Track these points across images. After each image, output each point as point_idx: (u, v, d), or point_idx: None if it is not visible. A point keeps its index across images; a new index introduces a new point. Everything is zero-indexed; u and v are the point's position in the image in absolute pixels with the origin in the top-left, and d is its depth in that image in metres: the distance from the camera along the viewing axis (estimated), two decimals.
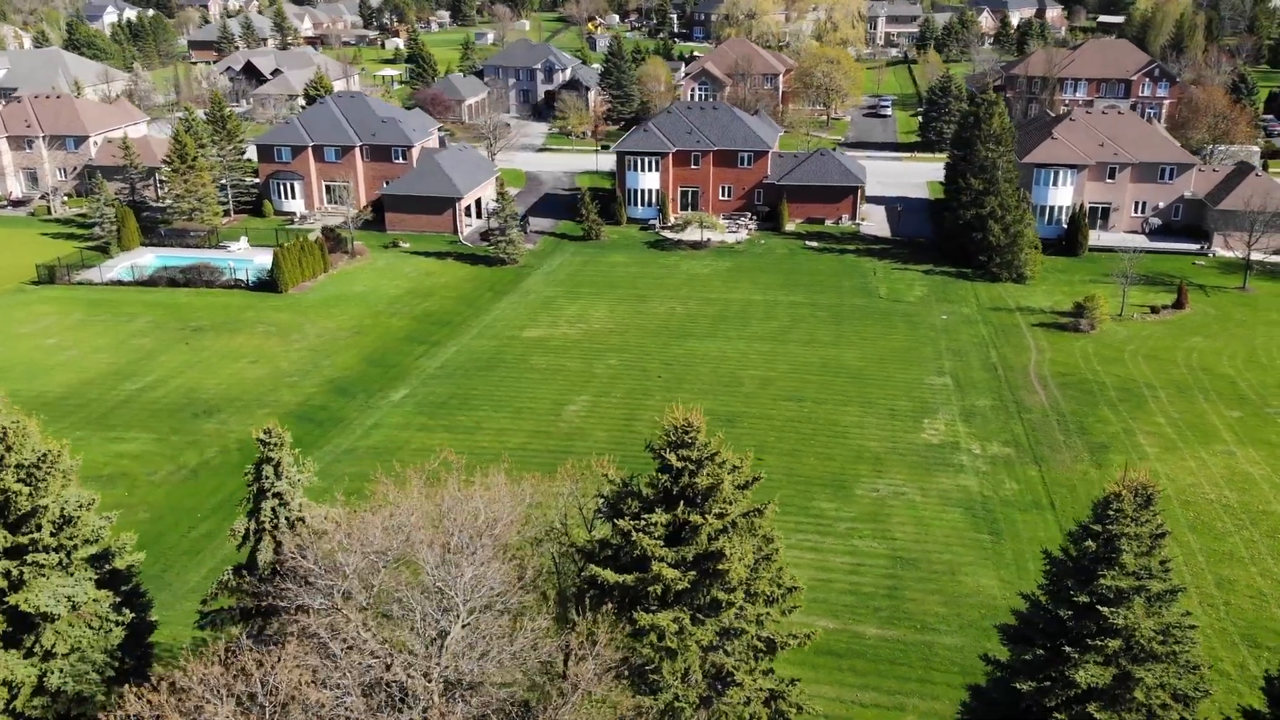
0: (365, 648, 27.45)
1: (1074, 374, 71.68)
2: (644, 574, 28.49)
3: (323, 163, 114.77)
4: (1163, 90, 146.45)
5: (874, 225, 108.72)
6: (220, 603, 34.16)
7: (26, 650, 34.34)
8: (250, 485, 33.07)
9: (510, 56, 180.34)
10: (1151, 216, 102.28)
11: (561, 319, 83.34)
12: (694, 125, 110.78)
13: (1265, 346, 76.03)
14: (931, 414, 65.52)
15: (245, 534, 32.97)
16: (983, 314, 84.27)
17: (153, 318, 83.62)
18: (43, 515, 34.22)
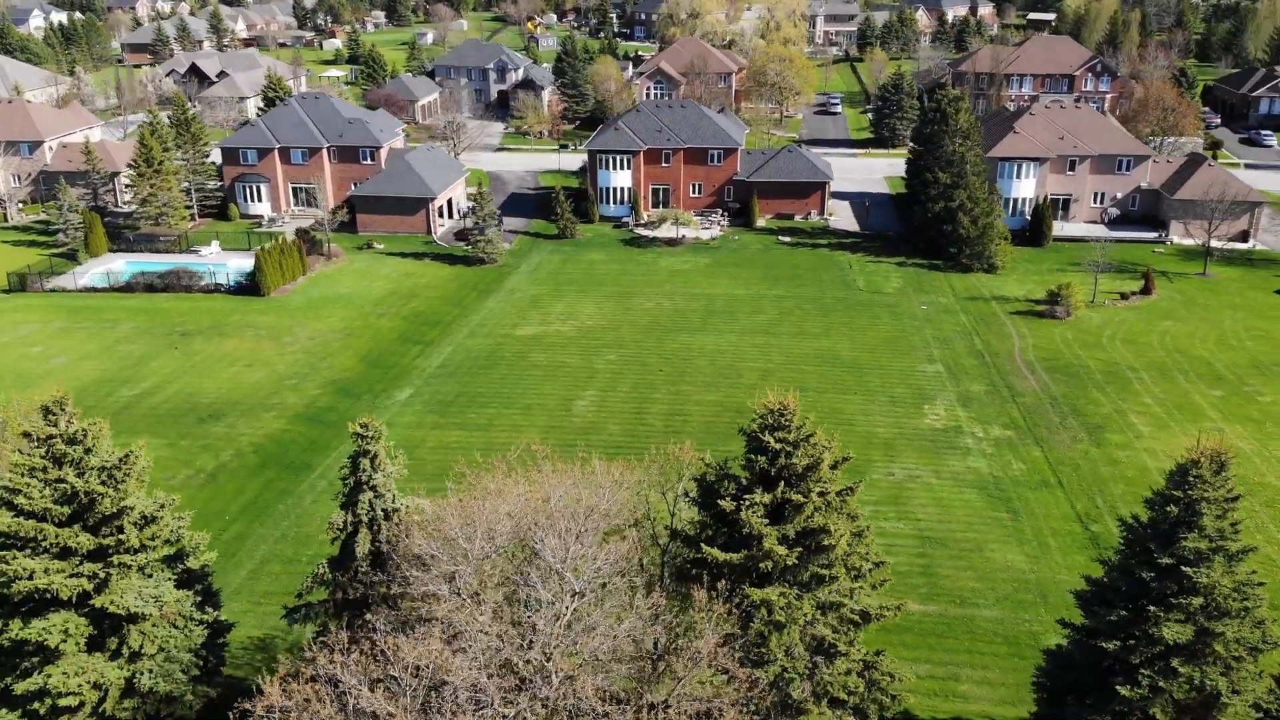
0: (491, 630, 28.20)
1: (1058, 359, 74.38)
2: (752, 551, 29.64)
3: (289, 165, 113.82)
4: (1105, 85, 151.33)
5: (841, 220, 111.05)
6: (315, 596, 34.51)
7: (113, 652, 34.46)
8: (347, 479, 33.54)
9: (461, 56, 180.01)
10: (1110, 207, 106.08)
11: (552, 316, 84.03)
12: (663, 124, 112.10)
13: (1233, 329, 79.57)
14: (930, 400, 67.61)
15: (344, 526, 33.38)
16: (960, 303, 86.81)
17: (137, 323, 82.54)
18: (127, 516, 34.38)
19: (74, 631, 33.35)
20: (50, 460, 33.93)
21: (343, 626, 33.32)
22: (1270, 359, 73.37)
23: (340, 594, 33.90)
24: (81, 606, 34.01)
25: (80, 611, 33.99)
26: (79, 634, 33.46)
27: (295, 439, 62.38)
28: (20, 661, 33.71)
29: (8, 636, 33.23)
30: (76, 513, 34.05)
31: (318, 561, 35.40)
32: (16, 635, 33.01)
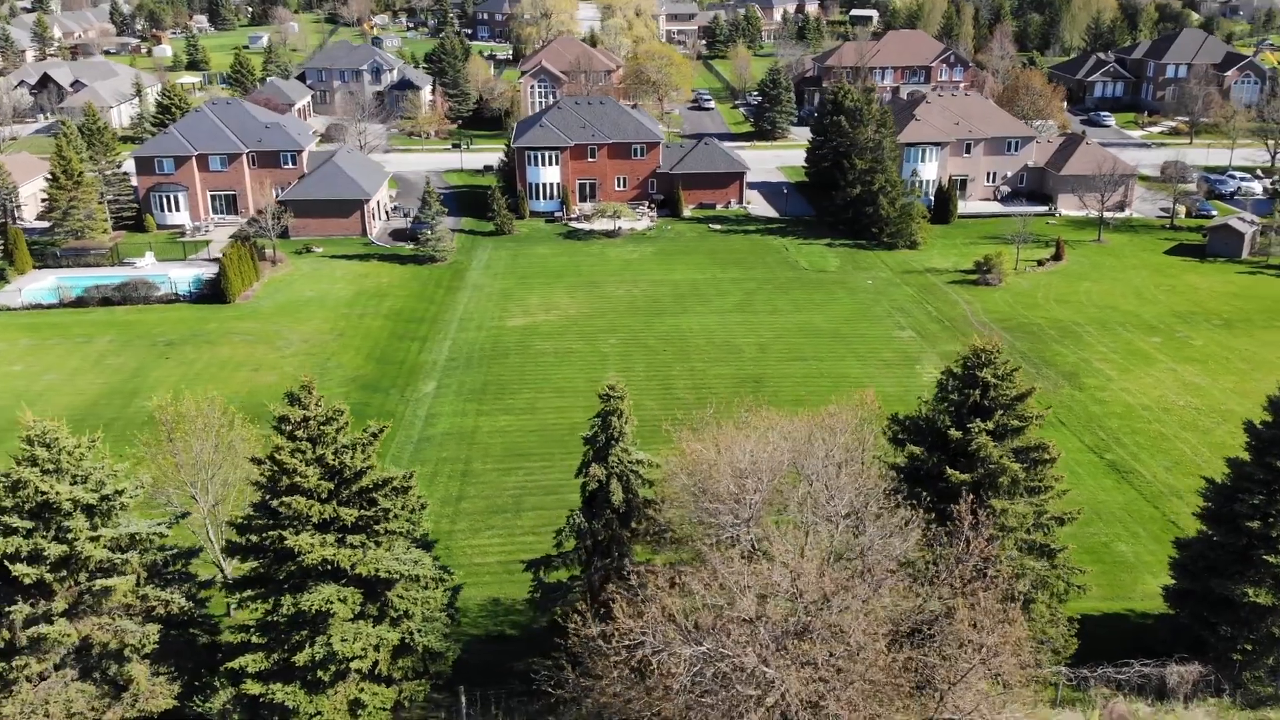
0: (770, 561, 32.37)
1: (1009, 319, 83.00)
2: (986, 469, 34.96)
3: (208, 172, 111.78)
4: (958, 75, 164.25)
5: (759, 207, 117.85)
6: (568, 544, 37.62)
7: (376, 617, 36.76)
8: (599, 435, 36.88)
9: (333, 58, 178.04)
10: (1001, 185, 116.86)
11: (532, 308, 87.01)
12: (587, 120, 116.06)
13: (1144, 285, 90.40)
14: (917, 361, 74.74)
15: (600, 479, 36.70)
16: (899, 277, 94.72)
17: (112, 336, 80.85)
18: (386, 488, 36.78)
19: (349, 600, 35.56)
20: (308, 441, 35.95)
21: (606, 570, 36.74)
22: (1186, 309, 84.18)
23: (590, 540, 37.22)
24: (342, 575, 36.19)
25: (343, 581, 36.18)
26: (353, 601, 35.68)
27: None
28: (293, 634, 35.59)
29: (282, 613, 35.14)
30: (336, 487, 36.20)
31: (572, 510, 38.43)
32: (295, 608, 34.97)
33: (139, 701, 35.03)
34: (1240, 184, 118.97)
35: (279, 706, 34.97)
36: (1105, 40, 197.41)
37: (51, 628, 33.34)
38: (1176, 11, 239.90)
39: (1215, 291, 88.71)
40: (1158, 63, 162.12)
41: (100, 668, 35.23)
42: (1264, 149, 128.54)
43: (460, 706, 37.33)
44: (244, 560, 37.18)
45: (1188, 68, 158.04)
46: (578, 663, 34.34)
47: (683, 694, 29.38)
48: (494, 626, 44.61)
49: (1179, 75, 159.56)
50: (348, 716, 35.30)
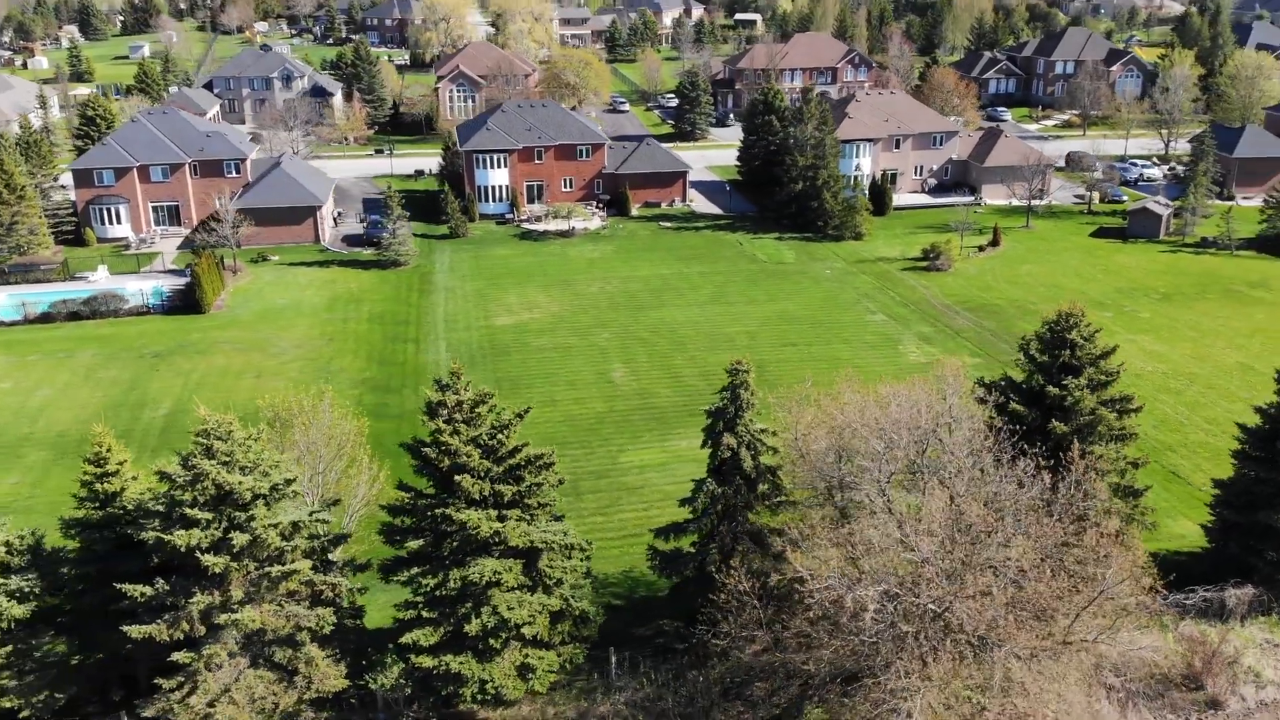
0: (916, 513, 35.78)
1: (969, 301, 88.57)
2: (1087, 419, 39.05)
3: (149, 183, 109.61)
4: (863, 75, 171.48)
5: (701, 205, 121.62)
6: (702, 503, 40.13)
7: (530, 585, 38.74)
8: (728, 407, 39.62)
9: (242, 66, 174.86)
10: (929, 178, 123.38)
11: (514, 307, 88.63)
12: (532, 122, 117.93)
13: (1080, 266, 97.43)
14: (899, 342, 79.40)
15: (732, 447, 39.42)
16: (854, 266, 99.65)
17: (94, 350, 79.41)
18: (534, 464, 38.85)
19: (513, 570, 37.48)
20: (463, 423, 37.75)
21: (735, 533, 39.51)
22: (1125, 285, 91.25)
23: (720, 505, 39.94)
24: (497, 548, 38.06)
25: (497, 554, 38.05)
26: (516, 572, 37.61)
27: (384, 431, 64.63)
28: (458, 607, 37.29)
29: (450, 587, 36.86)
30: (492, 465, 38.03)
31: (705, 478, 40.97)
32: (464, 580, 36.71)
33: (313, 684, 36.21)
34: (1142, 171, 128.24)
35: (452, 676, 36.62)
36: (989, 40, 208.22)
37: (238, 615, 34.34)
38: (1045, 11, 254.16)
39: (1145, 269, 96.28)
40: (1047, 60, 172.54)
41: (272, 654, 36.25)
42: (1157, 138, 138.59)
43: (610, 667, 39.52)
44: (399, 541, 38.63)
45: (1075, 64, 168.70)
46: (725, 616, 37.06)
47: (875, 628, 32.38)
48: (598, 598, 46.79)
49: (1067, 71, 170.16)
50: (518, 681, 37.17)
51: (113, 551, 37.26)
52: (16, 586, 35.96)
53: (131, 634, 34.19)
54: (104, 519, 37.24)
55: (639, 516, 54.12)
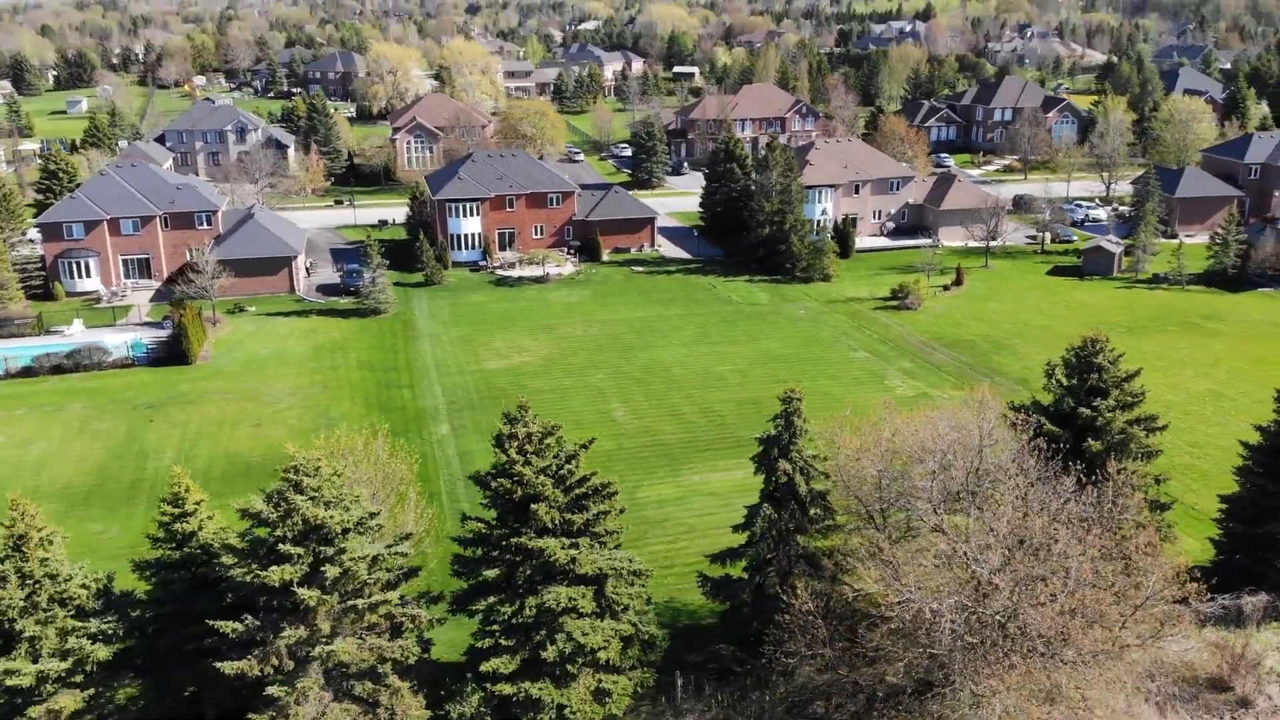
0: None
1: (943, 337, 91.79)
2: (1119, 437, 41.55)
3: (119, 236, 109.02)
4: (810, 125, 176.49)
5: (668, 250, 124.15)
6: (760, 528, 41.66)
7: (598, 612, 39.89)
8: (782, 434, 41.38)
9: (194, 120, 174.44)
10: (887, 221, 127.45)
11: (503, 351, 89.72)
12: (503, 171, 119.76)
13: (1042, 303, 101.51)
14: (884, 377, 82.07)
15: (788, 473, 41.12)
16: (826, 306, 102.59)
17: (84, 403, 78.78)
18: (600, 493, 40.20)
19: (585, 595, 38.63)
20: (533, 454, 39.00)
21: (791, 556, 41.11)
22: (1088, 320, 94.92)
23: (776, 530, 41.57)
24: (567, 576, 39.17)
25: (567, 581, 39.17)
26: (588, 598, 38.76)
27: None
28: (533, 634, 38.29)
29: (525, 615, 37.89)
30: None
31: (761, 504, 42.51)
32: (539, 608, 37.77)
33: (396, 716, 36.84)
34: (1088, 212, 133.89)
35: (531, 702, 37.50)
36: (925, 89, 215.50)
37: (332, 647, 34.99)
38: (974, 62, 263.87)
39: (1105, 304, 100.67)
40: (985, 107, 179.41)
41: (352, 687, 36.83)
42: (1098, 181, 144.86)
43: (675, 691, 40.67)
44: (466, 573, 39.55)
45: (1013, 111, 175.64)
46: (791, 636, 38.57)
47: (948, 639, 34.13)
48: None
49: (1005, 118, 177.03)
50: (595, 705, 38.15)
51: (190, 591, 37.64)
52: (98, 629, 36.17)
53: (225, 670, 34.58)
54: (182, 559, 37.62)
55: (668, 549, 55.44)
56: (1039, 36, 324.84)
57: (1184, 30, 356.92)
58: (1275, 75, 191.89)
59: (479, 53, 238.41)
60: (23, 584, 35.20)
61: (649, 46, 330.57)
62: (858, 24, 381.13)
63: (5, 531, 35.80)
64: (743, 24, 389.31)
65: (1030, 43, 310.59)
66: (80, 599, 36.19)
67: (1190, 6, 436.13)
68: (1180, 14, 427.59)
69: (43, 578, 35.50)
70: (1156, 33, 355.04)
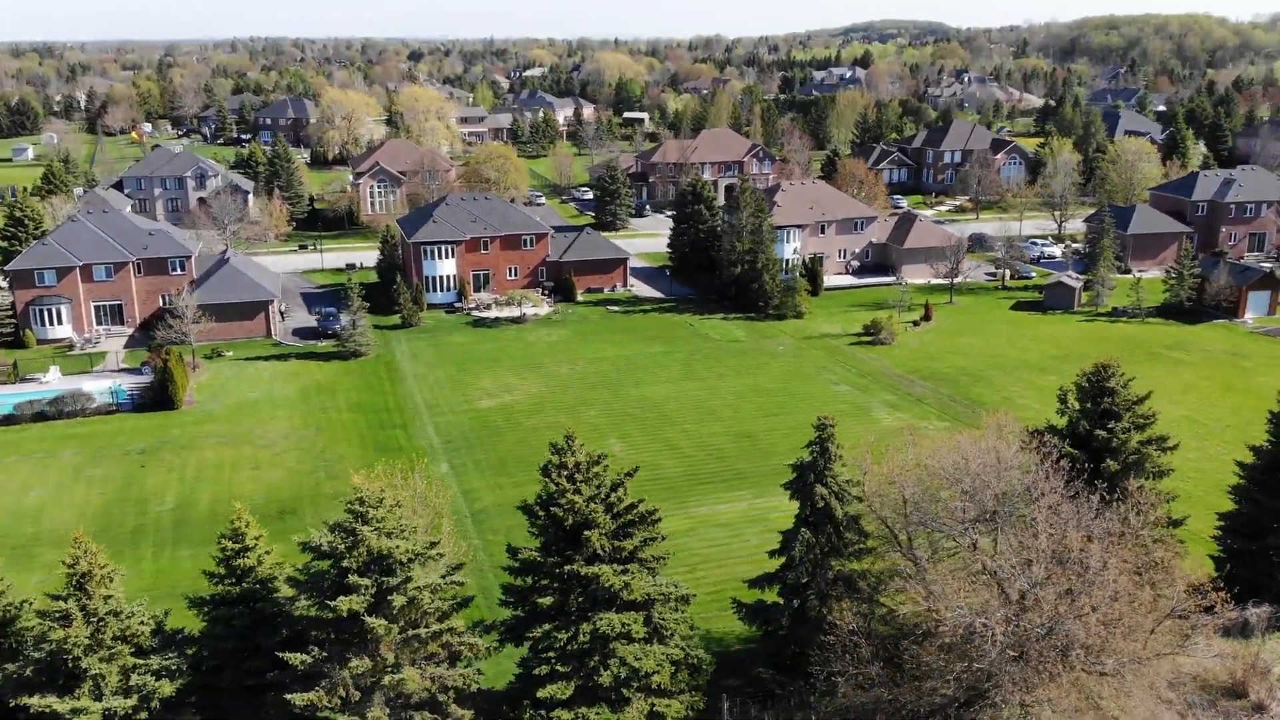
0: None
1: (920, 370, 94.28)
2: (1134, 457, 43.64)
3: (92, 282, 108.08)
4: (767, 168, 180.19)
5: (641, 290, 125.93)
6: (798, 553, 42.93)
7: (647, 637, 40.84)
8: (817, 460, 42.87)
9: (153, 166, 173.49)
10: (852, 260, 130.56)
11: (493, 390, 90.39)
12: (477, 214, 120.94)
13: (1010, 336, 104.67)
14: (869, 410, 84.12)
15: (825, 497, 42.54)
16: (803, 342, 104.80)
17: (73, 449, 78.03)
18: (646, 520, 41.33)
19: (636, 621, 39.60)
20: (583, 482, 40.06)
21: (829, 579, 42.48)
22: (1057, 352, 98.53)
23: (814, 553, 42.91)
24: (615, 602, 40.10)
25: (615, 607, 40.10)
26: (639, 623, 39.72)
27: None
28: (587, 660, 39.11)
29: (580, 641, 38.75)
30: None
31: (799, 528, 43.78)
32: (593, 634, 38.67)
33: None
34: (1043, 249, 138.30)
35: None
36: (873, 133, 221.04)
37: (401, 675, 35.54)
38: (916, 106, 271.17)
39: (1071, 337, 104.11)
40: (936, 150, 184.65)
41: (410, 717, 37.32)
42: (1049, 219, 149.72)
43: (722, 714, 41.59)
44: (515, 602, 40.33)
45: (963, 153, 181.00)
46: (837, 656, 39.84)
47: (996, 651, 35.63)
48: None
49: (955, 160, 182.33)
50: None
51: (250, 626, 37.94)
52: (160, 665, 36.33)
53: (295, 702, 34.92)
54: (242, 594, 37.96)
55: (686, 578, 55.94)
56: (977, 81, 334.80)
57: (1116, 74, 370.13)
58: (1210, 116, 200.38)
59: (434, 99, 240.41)
60: (87, 621, 35.31)
61: (597, 93, 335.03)
62: (799, 70, 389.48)
63: (68, 569, 35.91)
64: (687, 71, 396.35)
65: (969, 87, 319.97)
66: (142, 636, 36.35)
67: (1118, 51, 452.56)
68: (1108, 59, 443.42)
69: (106, 615, 35.66)
70: (1090, 77, 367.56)
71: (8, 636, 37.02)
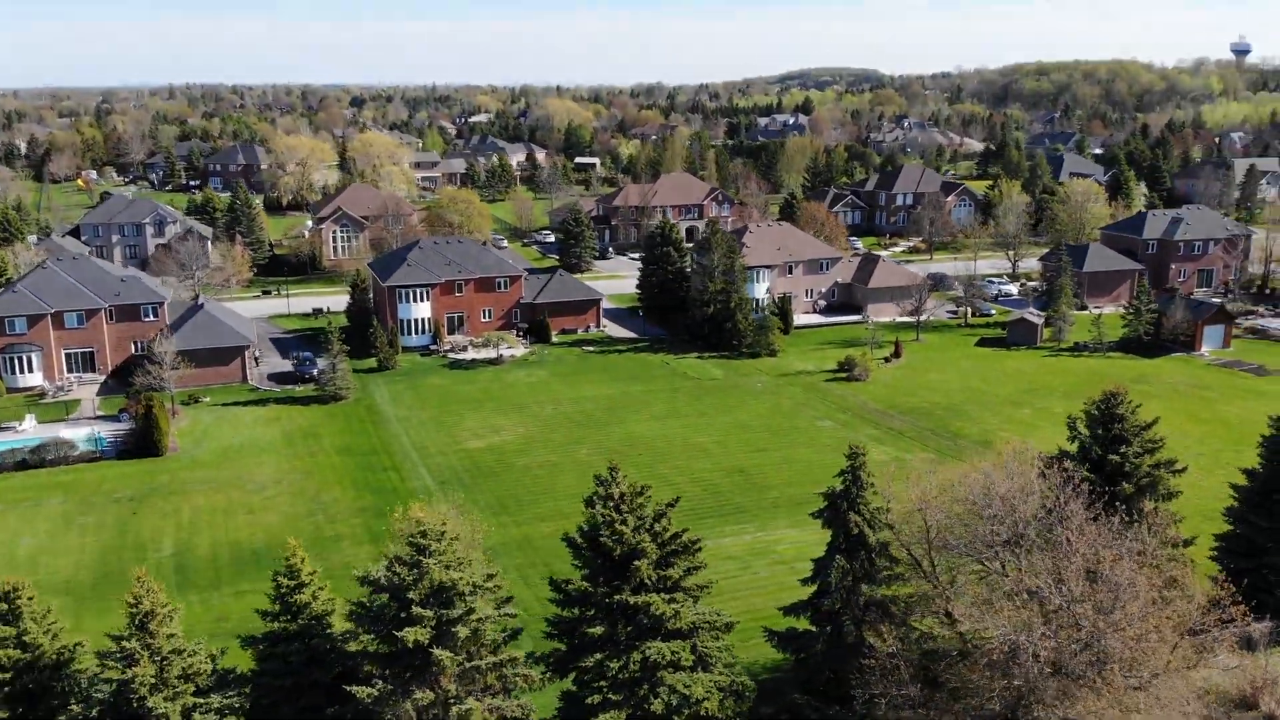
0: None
1: (898, 405, 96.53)
2: (1146, 480, 45.69)
3: (64, 330, 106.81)
4: (726, 210, 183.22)
5: (613, 330, 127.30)
6: (835, 578, 44.12)
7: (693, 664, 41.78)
8: (850, 488, 44.27)
9: (110, 213, 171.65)
10: (819, 300, 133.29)
11: (480, 431, 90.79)
12: (450, 257, 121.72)
13: (980, 371, 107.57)
14: (855, 443, 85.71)
15: (859, 524, 43.89)
16: (780, 379, 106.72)
17: (60, 497, 77.14)
18: (690, 549, 42.39)
19: (683, 648, 40.52)
20: (629, 513, 41.03)
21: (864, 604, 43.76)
22: (1027, 386, 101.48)
23: (849, 579, 44.19)
24: (659, 630, 41.00)
25: (660, 635, 40.98)
26: (686, 651, 40.64)
27: None
28: (638, 689, 39.87)
29: (631, 669, 39.55)
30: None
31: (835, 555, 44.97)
32: (644, 662, 39.53)
33: None
34: (1000, 288, 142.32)
35: None
36: (824, 177, 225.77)
37: (467, 705, 36.05)
38: (861, 151, 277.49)
39: (1037, 371, 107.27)
40: (888, 193, 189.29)
41: None
42: (1003, 258, 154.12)
43: None
44: (559, 634, 41.02)
45: (914, 196, 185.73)
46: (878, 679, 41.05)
47: (1039, 669, 37.11)
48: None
49: (907, 203, 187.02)
50: None
51: (304, 663, 38.19)
52: (222, 703, 36.45)
53: None
54: (299, 630, 38.22)
55: None
56: (918, 127, 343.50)
57: (1051, 119, 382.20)
58: (1148, 158, 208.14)
59: (388, 144, 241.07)
60: (151, 660, 35.39)
61: (547, 138, 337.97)
62: (744, 117, 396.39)
63: (130, 608, 35.99)
64: (634, 117, 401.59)
65: (911, 133, 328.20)
66: (202, 675, 36.47)
67: (1048, 97, 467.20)
68: (1040, 104, 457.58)
69: (169, 654, 35.76)
70: (1027, 121, 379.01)
71: (62, 680, 36.84)
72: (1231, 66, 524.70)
